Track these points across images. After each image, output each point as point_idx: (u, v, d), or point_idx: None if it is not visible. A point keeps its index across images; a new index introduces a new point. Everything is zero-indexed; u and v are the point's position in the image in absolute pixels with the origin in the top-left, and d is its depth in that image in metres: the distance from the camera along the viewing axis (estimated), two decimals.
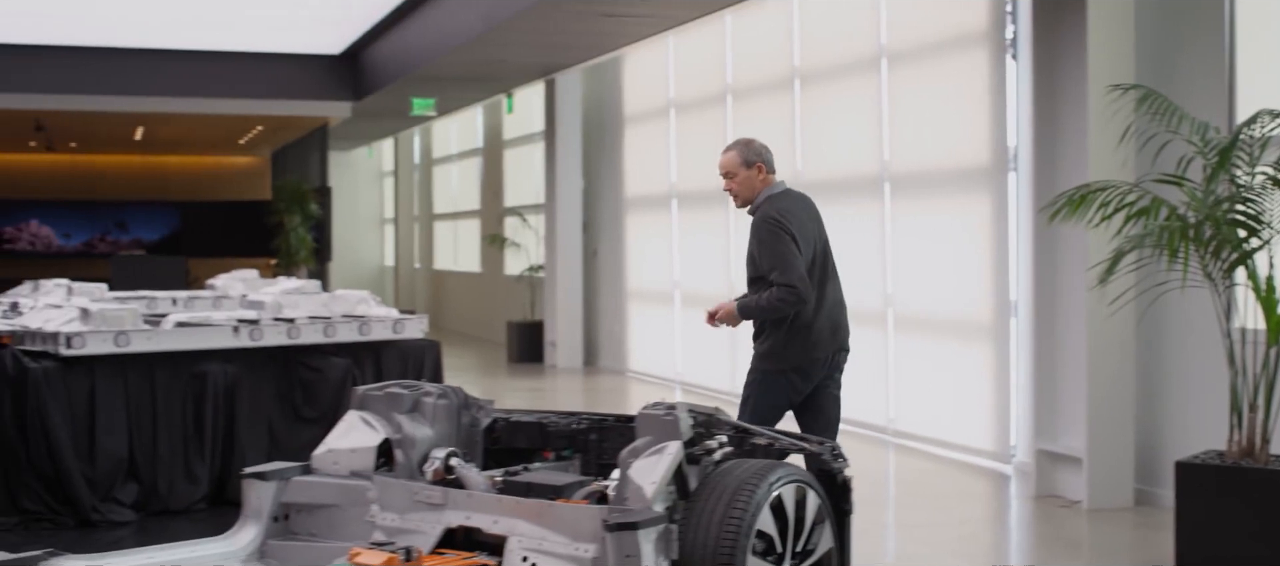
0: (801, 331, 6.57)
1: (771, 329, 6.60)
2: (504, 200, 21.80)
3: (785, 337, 6.58)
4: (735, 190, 6.71)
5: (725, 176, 6.74)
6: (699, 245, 15.33)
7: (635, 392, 15.48)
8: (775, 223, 6.50)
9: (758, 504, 4.81)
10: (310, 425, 8.83)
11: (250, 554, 5.57)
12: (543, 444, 6.08)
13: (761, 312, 6.55)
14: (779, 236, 6.47)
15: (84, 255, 26.84)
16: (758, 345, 6.69)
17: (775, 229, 6.49)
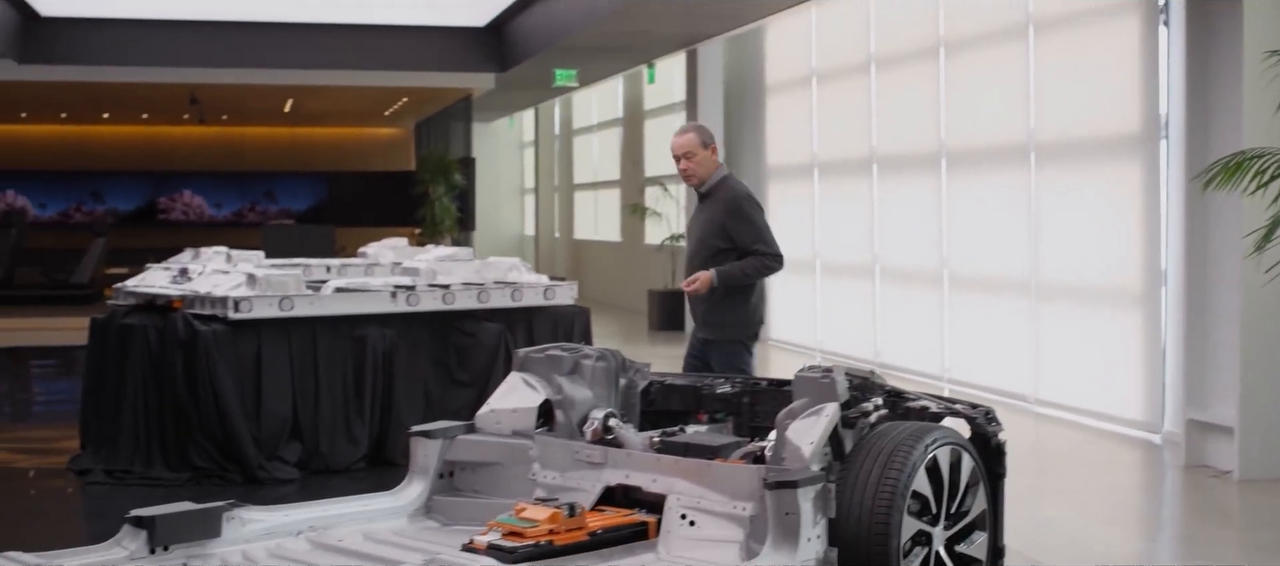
0: (757, 303, 7.25)
1: (729, 300, 7.11)
2: (644, 170, 21.95)
3: (747, 308, 7.18)
4: (693, 169, 7.14)
5: (684, 156, 7.13)
6: (840, 214, 15.35)
7: (775, 360, 15.55)
8: (751, 199, 7.20)
9: (914, 465, 4.89)
10: (464, 388, 9.08)
11: (417, 509, 5.76)
12: (697, 406, 6.20)
13: (744, 279, 7.11)
14: (757, 211, 7.18)
15: (234, 224, 27.55)
16: (709, 315, 7.17)
17: (753, 205, 7.18)
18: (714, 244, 7.09)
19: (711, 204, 7.15)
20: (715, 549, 4.99)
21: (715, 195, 7.15)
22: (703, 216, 7.18)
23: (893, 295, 14.06)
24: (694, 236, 7.20)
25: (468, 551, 4.90)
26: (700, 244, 7.14)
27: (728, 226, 7.08)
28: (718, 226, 7.09)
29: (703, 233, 7.14)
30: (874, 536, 4.78)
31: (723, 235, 7.08)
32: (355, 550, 5.20)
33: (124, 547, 4.90)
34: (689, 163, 7.13)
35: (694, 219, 7.28)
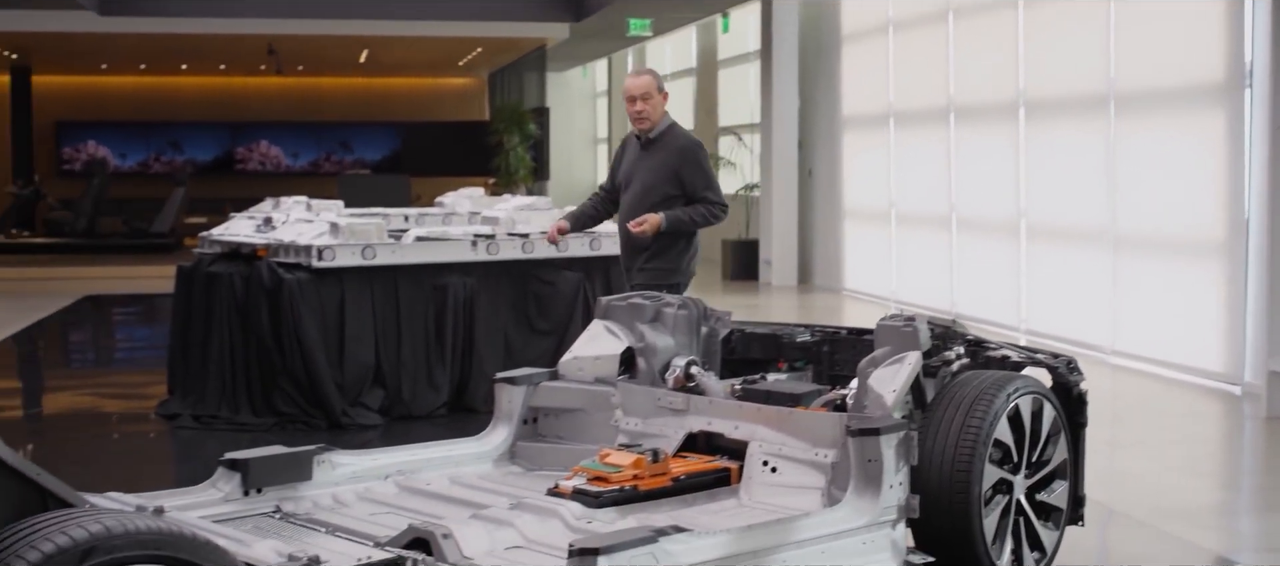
0: (697, 248, 7.26)
1: (669, 245, 7.07)
2: (718, 119, 21.93)
3: (689, 253, 7.18)
4: (647, 112, 7.04)
5: (641, 98, 7.02)
6: (916, 165, 15.28)
7: (851, 310, 15.55)
8: (702, 148, 7.23)
9: (996, 413, 4.91)
10: (543, 336, 9.17)
11: (501, 454, 5.85)
12: (777, 355, 6.24)
13: (691, 225, 7.11)
14: (706, 159, 7.21)
15: (310, 174, 27.80)
16: (650, 261, 7.08)
17: (703, 153, 7.20)
18: (664, 189, 7.04)
19: (660, 150, 7.08)
20: (797, 495, 5.04)
21: (664, 141, 7.09)
22: (650, 162, 7.09)
23: (970, 246, 14.00)
24: (639, 181, 7.10)
25: (553, 495, 4.98)
26: (647, 189, 7.07)
27: (681, 173, 7.04)
28: (670, 172, 7.04)
29: (652, 178, 7.07)
30: (956, 484, 4.81)
31: (674, 181, 7.04)
32: (442, 493, 5.29)
33: (219, 489, 5.02)
34: (645, 105, 7.02)
35: (636, 163, 7.16)
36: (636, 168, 7.15)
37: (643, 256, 7.09)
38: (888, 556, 4.71)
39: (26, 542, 2.87)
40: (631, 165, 7.18)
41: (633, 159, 7.19)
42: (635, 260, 7.15)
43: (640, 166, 7.13)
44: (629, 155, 7.24)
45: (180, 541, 3.02)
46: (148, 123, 27.62)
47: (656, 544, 4.03)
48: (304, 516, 4.99)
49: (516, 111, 23.02)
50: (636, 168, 7.15)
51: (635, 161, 7.17)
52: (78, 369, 12.96)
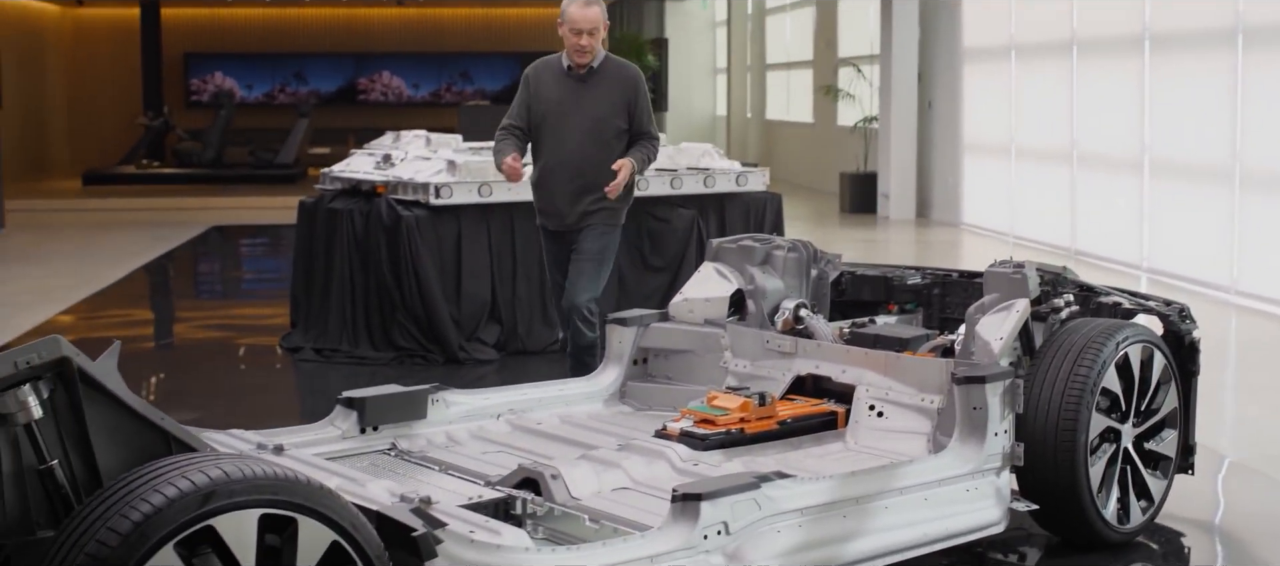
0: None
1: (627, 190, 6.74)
2: (837, 51, 21.76)
3: (630, 192, 6.85)
4: (593, 47, 6.57)
5: (589, 32, 6.52)
6: (1038, 97, 15.07)
7: (969, 245, 15.43)
8: (645, 81, 6.86)
9: (1104, 362, 4.89)
10: (657, 273, 9.24)
11: (612, 393, 5.94)
12: (887, 297, 6.26)
13: (649, 165, 6.86)
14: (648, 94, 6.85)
15: (431, 104, 28.03)
16: (593, 203, 6.66)
17: (647, 87, 6.85)
18: (615, 123, 6.62)
19: (603, 81, 6.61)
20: (903, 440, 5.08)
21: (605, 73, 6.63)
22: (594, 94, 6.60)
23: (1090, 182, 13.80)
24: (585, 115, 6.59)
25: (660, 437, 5.06)
26: (599, 122, 6.60)
27: (633, 105, 6.64)
28: (619, 106, 6.62)
29: (602, 111, 6.60)
30: (1062, 433, 4.81)
31: (624, 115, 6.63)
32: (552, 433, 5.39)
33: (336, 427, 5.16)
34: (592, 39, 6.53)
35: (572, 97, 6.60)
36: (575, 101, 6.60)
37: (588, 199, 6.63)
38: (991, 504, 4.74)
39: (150, 486, 3.00)
40: (564, 99, 6.62)
41: (564, 92, 6.62)
42: (580, 202, 6.65)
43: (582, 100, 6.60)
44: (555, 89, 6.65)
45: (296, 487, 3.14)
46: (273, 54, 28.02)
47: (759, 490, 4.10)
48: (418, 454, 5.12)
49: (635, 42, 23.02)
50: (575, 101, 6.60)
51: (569, 95, 6.61)
52: (205, 299, 13.31)
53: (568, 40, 6.58)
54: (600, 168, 6.57)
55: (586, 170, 6.60)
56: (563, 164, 6.64)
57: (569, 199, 6.66)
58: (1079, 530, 4.96)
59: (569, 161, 6.62)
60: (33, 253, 15.05)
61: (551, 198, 6.71)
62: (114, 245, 15.45)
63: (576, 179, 6.63)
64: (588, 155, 6.60)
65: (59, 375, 3.19)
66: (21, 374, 3.09)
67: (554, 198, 6.70)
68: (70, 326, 10.50)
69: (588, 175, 6.60)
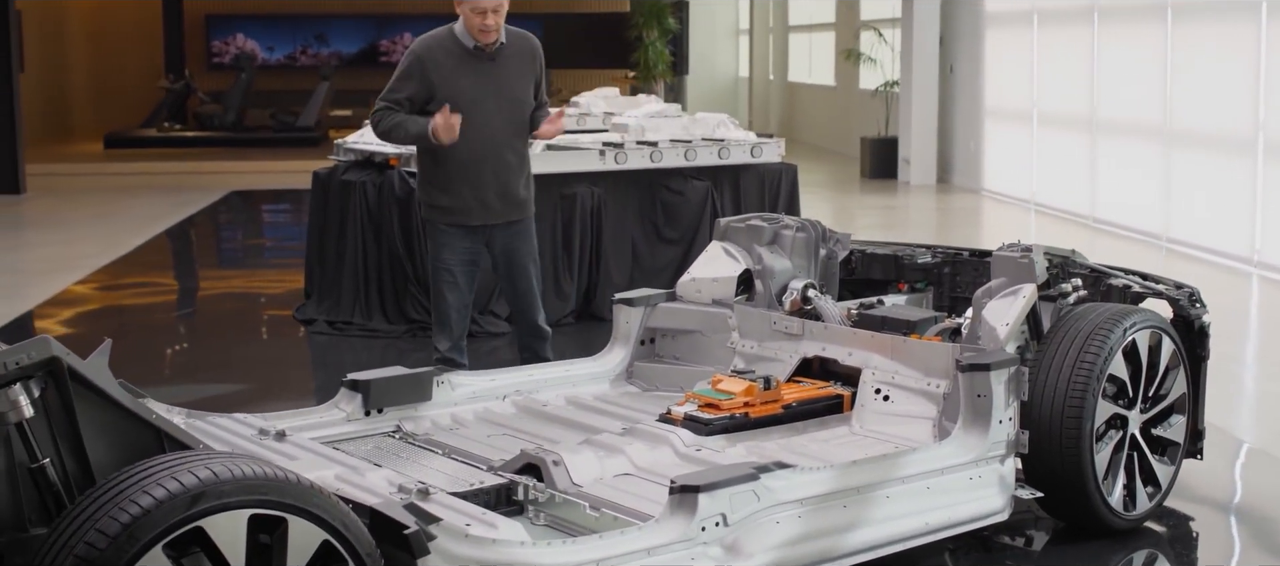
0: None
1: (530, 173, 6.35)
2: (859, 13, 21.63)
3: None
4: (497, 25, 6.02)
5: (493, 11, 5.96)
6: (1059, 63, 14.95)
7: (989, 213, 15.36)
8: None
9: (1111, 348, 4.85)
10: (671, 245, 9.22)
11: (618, 374, 5.93)
12: (897, 276, 6.23)
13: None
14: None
15: None
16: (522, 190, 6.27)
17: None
18: (529, 101, 6.22)
19: (511, 58, 6.14)
20: (909, 424, 5.06)
21: (513, 48, 6.16)
22: (505, 72, 6.12)
23: (1112, 149, 13.70)
24: (502, 95, 6.10)
25: (664, 422, 5.04)
26: (517, 102, 6.15)
27: (539, 78, 6.27)
28: (529, 81, 6.23)
29: (517, 90, 6.15)
30: (1067, 420, 4.77)
31: (532, 90, 6.24)
32: (558, 415, 5.39)
33: (341, 409, 5.16)
34: (497, 17, 5.99)
35: (481, 76, 6.06)
36: (489, 83, 6.08)
37: (521, 183, 6.24)
38: (995, 492, 4.71)
39: (139, 487, 3.00)
40: (474, 80, 6.05)
41: (475, 74, 6.06)
42: (510, 193, 6.20)
43: (494, 80, 6.09)
44: (462, 72, 6.05)
45: (286, 487, 3.13)
46: (294, 15, 28.01)
47: (758, 480, 4.08)
48: (423, 437, 5.12)
49: (656, 5, 22.90)
50: (489, 83, 6.08)
51: (479, 76, 6.06)
52: (222, 267, 13.34)
53: (470, 21, 5.99)
54: (520, 151, 6.24)
55: (507, 156, 6.16)
56: (486, 152, 6.09)
57: (497, 190, 6.14)
58: (1084, 516, 4.93)
59: (492, 148, 6.10)
60: (53, 218, 15.10)
61: (477, 190, 6.10)
62: (133, 210, 15.49)
63: (500, 167, 6.13)
64: (508, 140, 6.16)
65: (50, 373, 3.19)
66: (11, 374, 3.09)
67: (480, 190, 6.11)
68: (86, 296, 10.53)
69: (509, 161, 6.17)
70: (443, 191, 6.15)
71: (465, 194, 6.12)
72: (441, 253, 6.22)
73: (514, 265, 6.31)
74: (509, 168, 6.17)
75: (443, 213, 6.17)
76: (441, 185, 6.14)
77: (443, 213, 6.17)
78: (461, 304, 6.27)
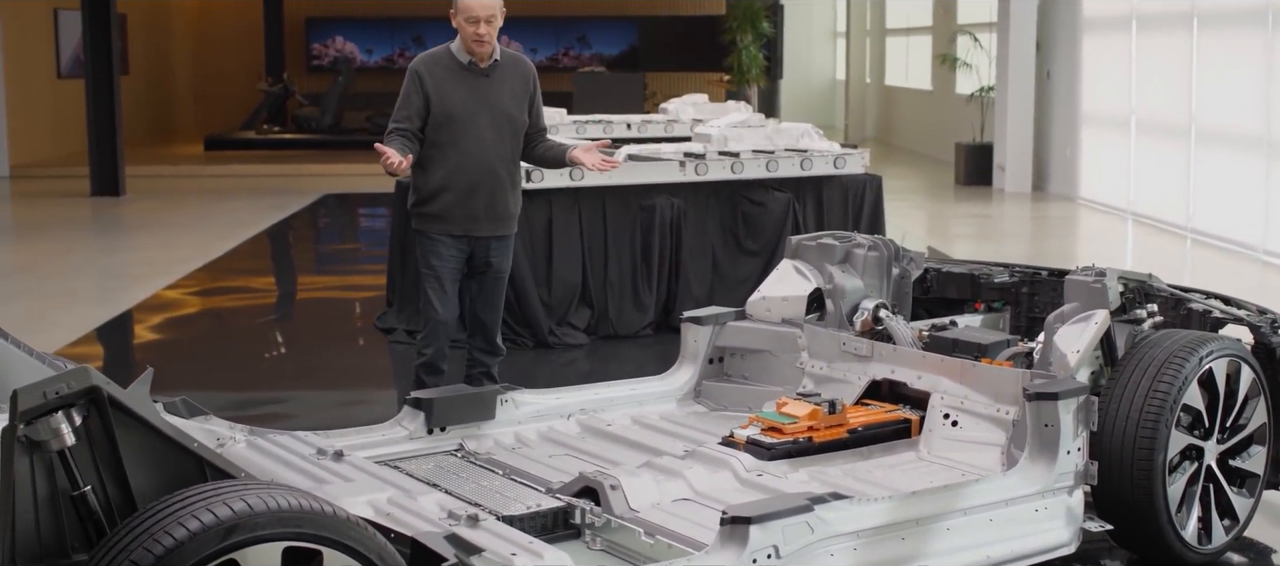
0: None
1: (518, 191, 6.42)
2: (956, 16, 21.38)
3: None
4: (493, 37, 6.11)
5: (487, 21, 6.04)
6: (1158, 69, 14.66)
7: (1084, 222, 15.10)
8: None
9: (1186, 378, 4.71)
10: (752, 257, 9.15)
11: (686, 393, 5.87)
12: (974, 296, 6.12)
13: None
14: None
15: (548, 69, 28.05)
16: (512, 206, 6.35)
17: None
18: (521, 119, 6.26)
19: (505, 75, 6.21)
20: (976, 451, 4.95)
21: (508, 66, 6.24)
22: (498, 89, 6.18)
23: (1212, 158, 13.40)
24: (495, 111, 6.16)
25: (726, 445, 4.98)
26: (510, 119, 6.20)
27: (533, 100, 6.32)
28: (524, 100, 6.27)
29: (510, 107, 6.20)
30: (1139, 451, 4.64)
31: (527, 110, 6.29)
32: (621, 435, 5.34)
33: (403, 427, 5.16)
34: (490, 28, 6.06)
35: (475, 92, 6.13)
36: (482, 98, 6.15)
37: (508, 202, 6.30)
38: (1062, 524, 4.59)
39: (173, 518, 3.00)
40: (470, 96, 6.14)
41: (468, 89, 6.14)
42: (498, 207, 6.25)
43: (487, 95, 6.16)
44: (456, 86, 6.14)
45: (321, 519, 3.11)
46: (393, 18, 28.23)
47: (812, 512, 4.00)
48: (484, 456, 5.10)
49: (750, 10, 22.81)
50: (482, 98, 6.15)
51: (472, 91, 6.14)
52: (313, 273, 13.46)
53: (464, 31, 6.08)
54: (511, 167, 6.28)
55: (499, 170, 6.21)
56: (476, 165, 6.16)
57: (486, 203, 6.21)
58: (1156, 550, 4.80)
59: (482, 162, 6.17)
60: (150, 221, 15.34)
61: (467, 203, 6.17)
62: (229, 213, 15.68)
63: (490, 181, 6.20)
64: (499, 154, 6.21)
65: (93, 401, 3.20)
66: (51, 403, 3.10)
67: (470, 203, 6.18)
68: (175, 301, 10.67)
69: (500, 175, 6.22)
70: (432, 200, 6.23)
71: (454, 205, 6.19)
72: (428, 259, 6.31)
73: (490, 278, 6.38)
74: (498, 181, 6.23)
75: (431, 220, 6.26)
76: (432, 195, 6.22)
77: (431, 220, 6.26)
78: (448, 312, 6.34)
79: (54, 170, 19.72)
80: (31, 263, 12.66)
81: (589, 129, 12.25)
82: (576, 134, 11.84)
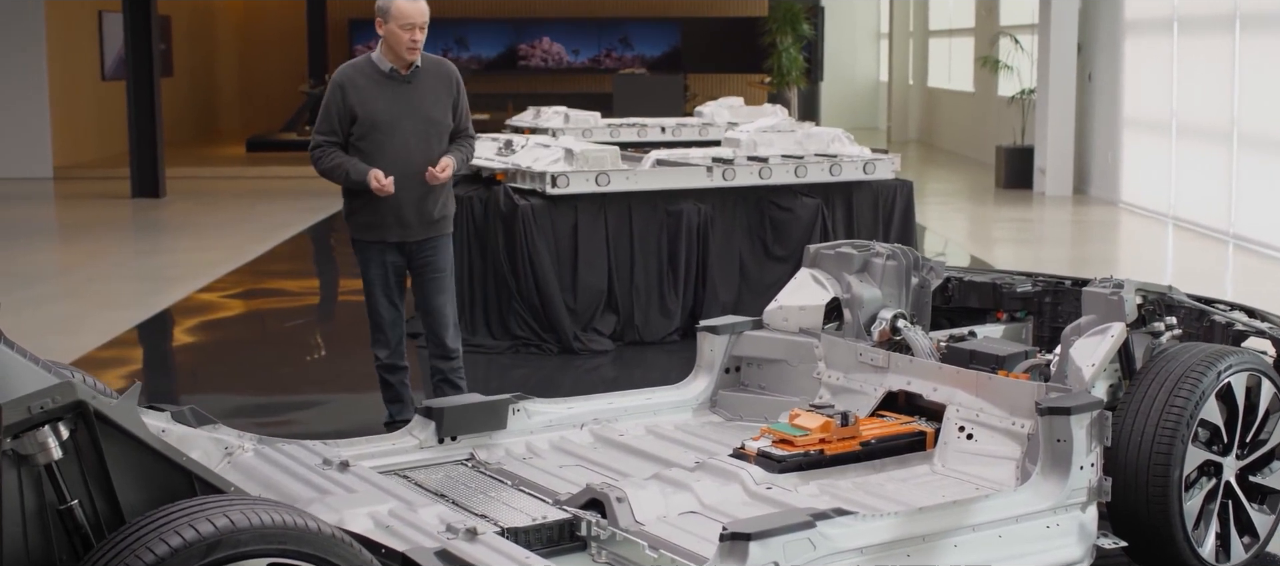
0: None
1: (448, 190, 6.49)
2: (998, 18, 21.22)
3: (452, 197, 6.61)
4: (421, 42, 6.23)
5: (422, 28, 6.19)
6: (1200, 72, 14.49)
7: (1125, 227, 14.94)
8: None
9: (1203, 392, 4.63)
10: (780, 263, 9.08)
11: (701, 403, 5.83)
12: (996, 305, 6.04)
13: (466, 165, 6.70)
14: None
15: (590, 70, 28.05)
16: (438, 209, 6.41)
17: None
18: (446, 123, 6.35)
19: (427, 80, 6.30)
20: (991, 465, 4.89)
21: (428, 71, 6.32)
22: (420, 94, 6.27)
23: (1253, 163, 13.22)
24: (418, 117, 6.25)
25: (737, 457, 4.93)
26: (433, 124, 6.29)
27: (457, 103, 6.39)
28: (448, 105, 6.36)
29: (434, 112, 6.30)
30: (1154, 468, 4.56)
31: (451, 114, 6.37)
32: (633, 446, 5.30)
33: (414, 436, 5.14)
34: (422, 34, 6.18)
35: (399, 99, 6.23)
36: (405, 104, 6.24)
37: (437, 206, 6.38)
38: (1073, 541, 4.51)
39: (156, 533, 2.98)
40: (393, 103, 6.23)
41: (391, 96, 6.23)
42: (427, 211, 6.35)
43: (412, 101, 6.26)
44: (379, 93, 6.22)
45: (305, 535, 3.09)
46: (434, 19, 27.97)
47: (814, 528, 3.94)
48: (495, 466, 5.07)
49: (791, 11, 22.72)
50: (405, 104, 6.24)
51: (397, 98, 6.23)
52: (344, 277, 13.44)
53: (397, 38, 6.14)
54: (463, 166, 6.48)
55: (425, 175, 6.27)
56: (402, 172, 6.20)
57: (416, 207, 6.29)
58: None
59: (407, 168, 6.21)
60: (188, 223, 15.42)
61: (395, 209, 6.25)
62: (265, 216, 15.75)
63: (415, 186, 6.25)
64: (424, 159, 6.25)
65: (81, 415, 3.19)
66: (36, 417, 3.09)
67: (398, 208, 6.25)
68: (208, 304, 10.70)
69: (429, 183, 6.29)
70: (362, 209, 6.33)
71: (383, 211, 6.28)
72: (368, 269, 6.45)
73: (427, 281, 6.47)
74: (425, 186, 6.28)
75: (364, 229, 6.37)
76: (362, 203, 6.31)
77: (364, 229, 6.37)
78: (393, 315, 6.50)
79: (97, 172, 19.87)
80: (69, 264, 12.75)
81: (623, 132, 12.23)
82: (609, 137, 11.82)
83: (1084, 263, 12.18)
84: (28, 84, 19.88)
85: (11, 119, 19.73)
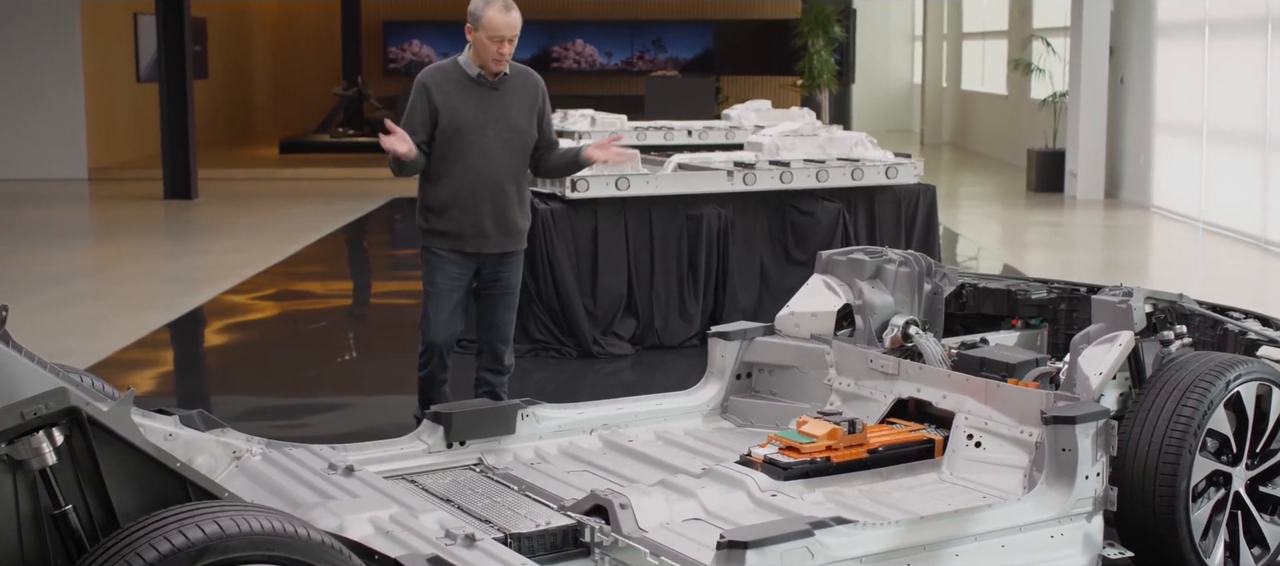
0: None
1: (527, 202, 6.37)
2: (1032, 21, 21.12)
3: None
4: (509, 54, 6.06)
5: (511, 41, 6.01)
6: (1232, 77, 14.38)
7: (1157, 231, 14.85)
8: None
9: (1212, 401, 4.60)
10: (801, 267, 9.05)
11: (712, 408, 5.82)
12: (1010, 311, 6.02)
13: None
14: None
15: (623, 72, 28.07)
16: (520, 222, 6.29)
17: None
18: (531, 132, 6.22)
19: (515, 90, 6.17)
20: (999, 473, 4.87)
21: (516, 80, 6.19)
22: (508, 103, 6.13)
23: None
24: (503, 125, 6.11)
25: (743, 464, 4.93)
26: (515, 132, 6.14)
27: (542, 114, 6.27)
28: (534, 115, 6.23)
29: (520, 120, 6.15)
30: (1161, 478, 4.54)
31: (537, 125, 6.25)
32: (641, 452, 5.30)
33: (423, 441, 5.16)
34: (511, 47, 6.03)
35: (485, 106, 6.08)
36: (490, 111, 6.10)
37: (516, 218, 6.24)
38: (1078, 551, 4.49)
39: (145, 540, 3.01)
40: (479, 110, 6.09)
41: (477, 102, 6.09)
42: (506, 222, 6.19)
43: (497, 109, 6.12)
44: (465, 99, 6.08)
45: (295, 542, 3.11)
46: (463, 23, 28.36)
47: (812, 537, 3.94)
48: (502, 471, 5.08)
49: (822, 13, 22.65)
50: (490, 111, 6.10)
51: (481, 104, 6.09)
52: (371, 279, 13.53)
53: (485, 48, 6.00)
54: (518, 181, 6.22)
55: (507, 185, 6.15)
56: (484, 179, 6.10)
57: (494, 218, 6.14)
58: None
59: (490, 175, 6.11)
60: (219, 224, 15.51)
61: (474, 217, 6.11)
62: (296, 218, 15.81)
63: (498, 195, 6.14)
64: (508, 168, 6.16)
65: (75, 421, 3.21)
66: (31, 423, 3.12)
67: (478, 217, 6.11)
68: (236, 305, 10.76)
69: (509, 190, 6.17)
70: (440, 216, 6.15)
71: (462, 220, 6.12)
72: (434, 276, 6.22)
73: (498, 295, 6.30)
74: (507, 196, 6.16)
75: (439, 238, 6.18)
76: (439, 210, 6.15)
77: (439, 238, 6.18)
78: (444, 332, 6.24)
79: (131, 173, 20.00)
80: (99, 265, 12.85)
81: (649, 135, 12.22)
82: (635, 140, 11.82)
83: (1116, 268, 12.10)
84: (63, 86, 20.03)
85: (47, 121, 19.89)
